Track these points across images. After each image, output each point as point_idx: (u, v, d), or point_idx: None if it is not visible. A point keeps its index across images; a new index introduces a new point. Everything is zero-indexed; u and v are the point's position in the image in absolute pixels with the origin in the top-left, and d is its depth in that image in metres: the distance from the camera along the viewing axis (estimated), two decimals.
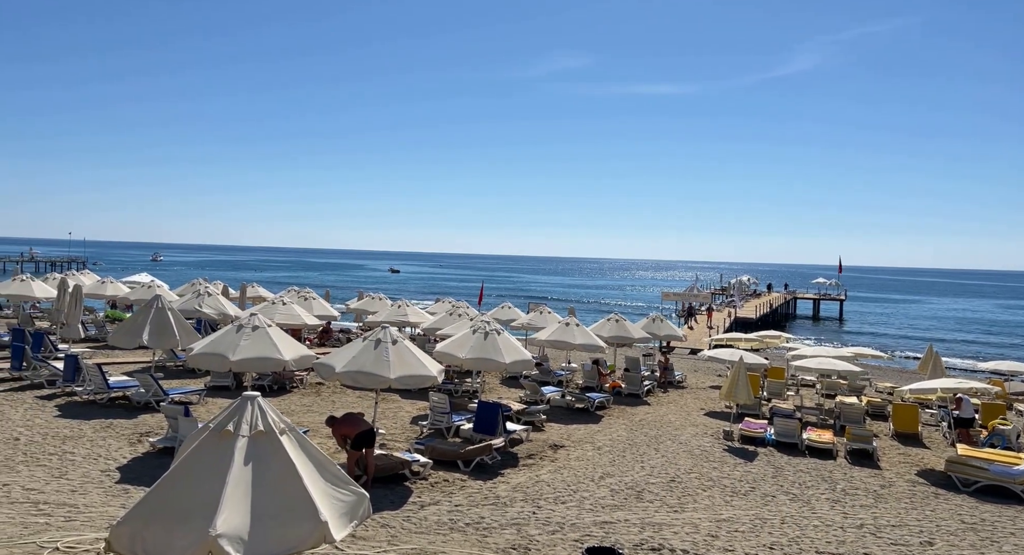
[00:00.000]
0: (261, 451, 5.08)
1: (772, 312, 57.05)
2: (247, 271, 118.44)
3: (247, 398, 5.28)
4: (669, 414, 17.56)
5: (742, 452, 14.01)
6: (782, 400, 20.07)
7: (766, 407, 18.68)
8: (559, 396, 17.50)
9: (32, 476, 9.84)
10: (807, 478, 12.43)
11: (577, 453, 13.13)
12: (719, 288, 72.04)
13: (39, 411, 13.61)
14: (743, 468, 12.83)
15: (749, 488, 11.62)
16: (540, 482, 11.16)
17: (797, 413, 17.18)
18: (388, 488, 10.21)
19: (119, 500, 9.06)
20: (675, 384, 22.00)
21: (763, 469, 12.85)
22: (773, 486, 11.82)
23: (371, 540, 8.26)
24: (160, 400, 14.07)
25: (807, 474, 12.68)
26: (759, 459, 13.54)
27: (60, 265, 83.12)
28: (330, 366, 11.03)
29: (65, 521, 8.23)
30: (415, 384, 11.28)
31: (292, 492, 4.99)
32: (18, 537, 7.61)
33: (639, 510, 10.15)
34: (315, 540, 4.95)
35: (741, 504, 10.76)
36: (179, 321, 15.07)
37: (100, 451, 11.25)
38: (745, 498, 11.07)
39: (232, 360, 12.08)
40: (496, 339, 13.84)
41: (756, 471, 12.68)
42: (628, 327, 21.10)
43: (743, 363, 15.90)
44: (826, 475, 12.70)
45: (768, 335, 26.74)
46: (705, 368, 26.34)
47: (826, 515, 10.46)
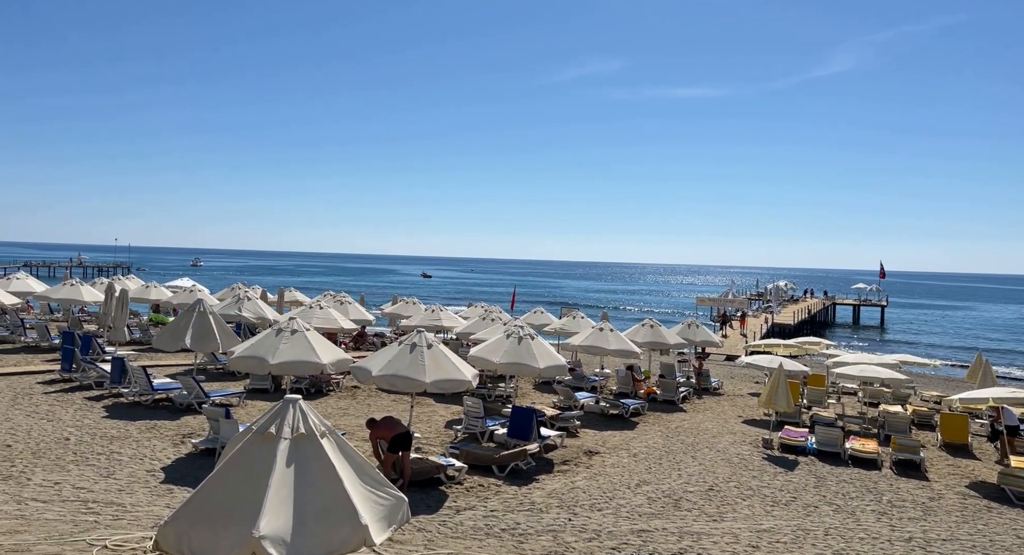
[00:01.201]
0: (302, 454, 5.13)
1: (810, 318, 55.80)
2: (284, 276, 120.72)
3: (289, 401, 5.34)
4: (706, 421, 17.27)
5: (782, 461, 13.69)
6: (823, 408, 19.57)
7: (806, 415, 18.25)
8: (593, 402, 17.36)
9: (82, 475, 10.14)
10: (851, 489, 12.07)
11: (612, 460, 12.99)
12: (755, 293, 70.81)
13: (88, 412, 14.04)
14: (783, 477, 12.53)
15: (790, 498, 11.34)
16: (575, 489, 11.07)
17: (839, 422, 16.74)
18: (424, 492, 10.25)
19: (164, 500, 9.28)
20: (711, 391, 21.64)
21: (804, 479, 12.53)
22: (815, 496, 11.51)
23: (408, 544, 8.29)
24: (202, 402, 14.38)
25: (851, 485, 12.33)
26: (800, 468, 13.21)
27: (107, 270, 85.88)
28: (367, 370, 11.13)
29: (113, 520, 8.45)
30: (450, 388, 11.31)
31: (333, 495, 5.03)
32: (69, 535, 7.84)
33: (677, 519, 9.98)
34: (355, 543, 4.97)
35: (782, 514, 10.50)
36: (220, 325, 15.38)
37: (145, 451, 11.55)
38: (786, 508, 10.81)
39: (271, 363, 12.29)
40: (530, 344, 13.80)
41: (797, 481, 12.37)
42: (663, 333, 20.84)
43: (783, 370, 15.56)
44: (871, 486, 12.32)
45: (807, 341, 26.12)
46: (742, 375, 25.86)
47: (872, 527, 10.14)
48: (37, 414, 13.55)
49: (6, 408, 13.84)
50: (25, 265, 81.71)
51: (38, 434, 12.13)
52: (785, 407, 15.19)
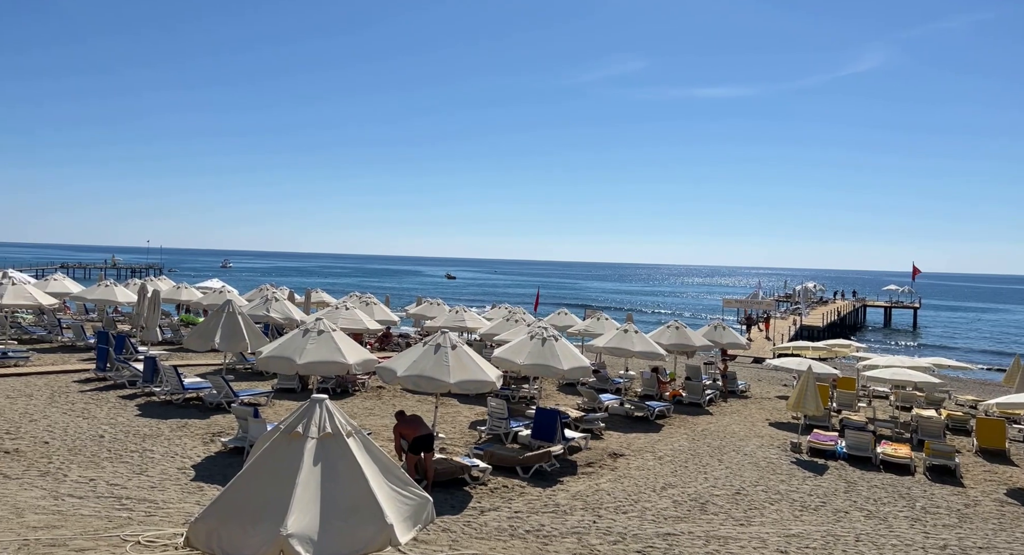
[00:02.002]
0: (329, 453, 5.19)
1: (840, 320, 54.77)
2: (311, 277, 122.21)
3: (315, 400, 5.41)
4: (732, 424, 17.06)
5: (811, 465, 13.46)
6: (853, 412, 19.20)
7: (836, 419, 17.92)
8: (618, 404, 17.25)
9: (116, 472, 10.38)
10: (883, 494, 11.82)
11: (637, 462, 12.90)
12: (783, 295, 69.75)
13: (121, 410, 14.37)
14: (812, 482, 12.32)
15: (820, 503, 11.14)
16: (600, 491, 11.02)
17: (870, 426, 16.41)
18: (448, 492, 10.28)
19: (194, 497, 9.45)
20: (738, 393, 21.37)
21: (834, 483, 12.30)
22: (846, 502, 11.30)
23: (433, 544, 8.32)
24: (231, 401, 14.62)
25: (882, 490, 12.07)
26: (830, 473, 12.98)
27: (139, 271, 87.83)
28: (392, 370, 11.22)
29: (146, 516, 8.63)
30: (474, 389, 11.34)
31: (359, 494, 5.07)
32: (103, 530, 8.03)
33: (703, 523, 9.87)
34: (381, 543, 5.01)
35: (811, 519, 10.32)
36: (248, 325, 15.63)
37: (176, 449, 11.78)
38: (816, 513, 10.62)
39: (299, 363, 12.45)
40: (553, 345, 13.77)
41: (827, 485, 12.15)
42: (689, 334, 20.64)
43: (811, 372, 15.30)
44: (904, 492, 12.05)
45: (837, 344, 25.65)
46: (769, 377, 25.49)
47: (905, 534, 9.91)
48: (73, 412, 13.91)
49: (44, 406, 14.23)
50: (62, 266, 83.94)
51: (74, 431, 12.45)
52: (814, 410, 14.93)
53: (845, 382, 21.01)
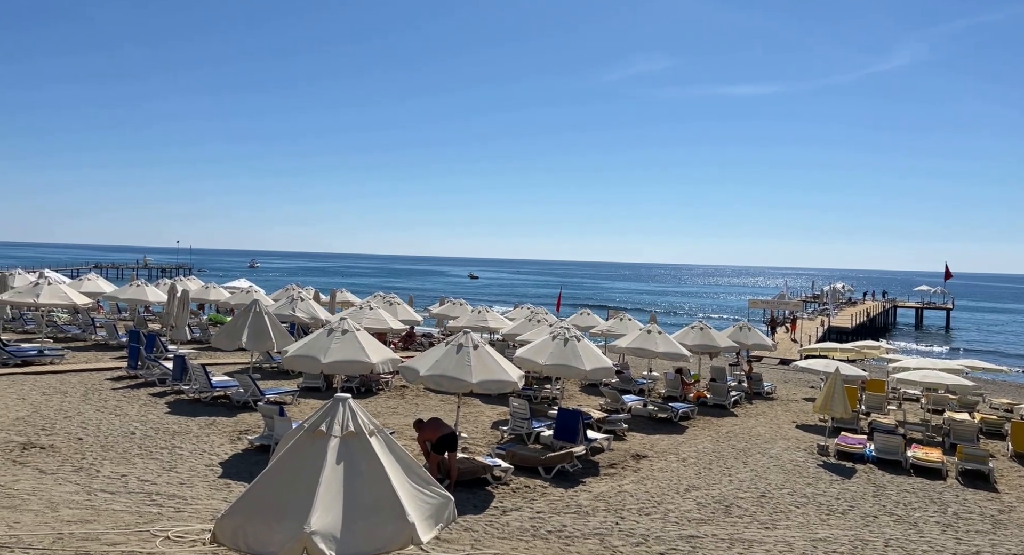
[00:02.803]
0: (352, 451, 5.24)
1: (869, 321, 53.73)
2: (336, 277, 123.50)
3: (339, 399, 5.47)
4: (758, 426, 16.84)
5: (839, 468, 13.24)
6: (883, 415, 18.84)
7: (865, 422, 17.60)
8: (641, 405, 17.15)
9: (146, 468, 10.61)
10: (913, 499, 11.58)
11: (660, 464, 12.81)
12: (810, 295, 68.62)
13: (152, 407, 14.68)
14: (840, 485, 12.11)
15: (847, 507, 10.95)
16: (623, 492, 10.96)
17: (900, 429, 16.09)
18: (470, 492, 10.32)
19: (222, 494, 9.62)
20: (764, 395, 21.10)
21: (863, 487, 12.08)
22: (874, 506, 11.09)
23: (455, 543, 8.36)
24: (257, 400, 14.85)
25: (913, 494, 11.82)
26: (858, 476, 12.75)
27: (170, 271, 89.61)
28: (415, 370, 11.29)
29: (175, 511, 8.81)
30: (496, 389, 11.36)
31: (381, 492, 5.12)
32: (134, 525, 8.21)
33: (727, 525, 9.77)
34: (403, 541, 5.05)
35: (839, 524, 10.15)
36: (275, 325, 15.86)
37: (204, 447, 12.00)
38: (843, 517, 10.44)
39: (323, 362, 12.60)
40: (576, 346, 13.73)
41: (855, 489, 11.94)
42: (713, 335, 20.43)
43: (839, 374, 15.04)
44: (935, 497, 11.79)
45: (866, 345, 25.17)
46: (796, 379, 25.11)
47: (936, 539, 9.70)
48: (106, 409, 14.25)
49: (78, 403, 14.61)
50: (96, 267, 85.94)
51: (107, 428, 12.76)
52: (842, 413, 14.68)
53: (874, 384, 20.61)
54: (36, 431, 12.25)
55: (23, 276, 27.54)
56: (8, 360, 18.28)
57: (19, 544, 7.37)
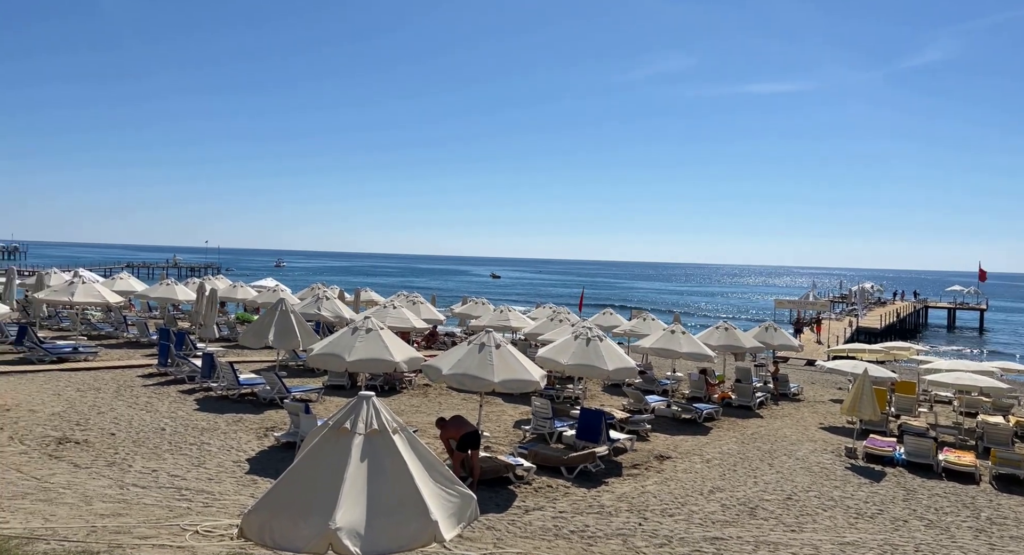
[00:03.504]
0: (375, 449, 5.28)
1: (899, 322, 52.66)
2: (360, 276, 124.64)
3: (363, 397, 5.52)
4: (784, 428, 16.62)
5: (867, 471, 13.01)
6: (913, 417, 18.45)
7: (894, 424, 17.26)
8: (664, 406, 17.03)
9: (176, 464, 10.83)
10: (944, 503, 11.33)
11: (684, 465, 12.71)
12: (838, 295, 67.46)
13: (181, 404, 14.98)
14: (869, 488, 11.90)
15: (876, 510, 10.76)
16: (646, 493, 10.91)
17: (931, 432, 15.76)
18: (493, 490, 10.35)
19: (249, 489, 9.78)
20: (790, 396, 20.81)
21: (892, 491, 11.86)
22: (904, 510, 10.88)
23: (477, 542, 8.40)
24: (283, 397, 15.06)
25: (944, 499, 11.57)
26: (887, 480, 12.52)
27: (199, 271, 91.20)
28: (437, 368, 11.36)
29: (203, 506, 8.99)
30: (518, 388, 11.38)
31: (404, 490, 5.15)
32: (164, 519, 8.39)
33: (752, 528, 9.66)
34: (426, 539, 5.08)
35: (867, 527, 9.98)
36: (300, 323, 16.07)
37: (232, 443, 12.21)
38: (872, 521, 10.26)
39: (348, 361, 12.72)
40: (598, 345, 13.69)
41: (884, 492, 11.73)
42: (738, 336, 20.21)
43: (867, 375, 14.78)
44: (968, 501, 11.52)
45: (895, 346, 24.68)
46: (823, 380, 24.72)
47: (969, 545, 9.48)
48: (137, 405, 14.58)
49: (111, 399, 14.96)
50: (127, 266, 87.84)
51: (138, 424, 13.05)
52: (870, 415, 14.42)
53: (904, 386, 20.21)
54: (71, 426, 12.58)
55: (59, 275, 28.28)
56: (45, 357, 18.79)
57: (55, 536, 7.58)
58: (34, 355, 18.90)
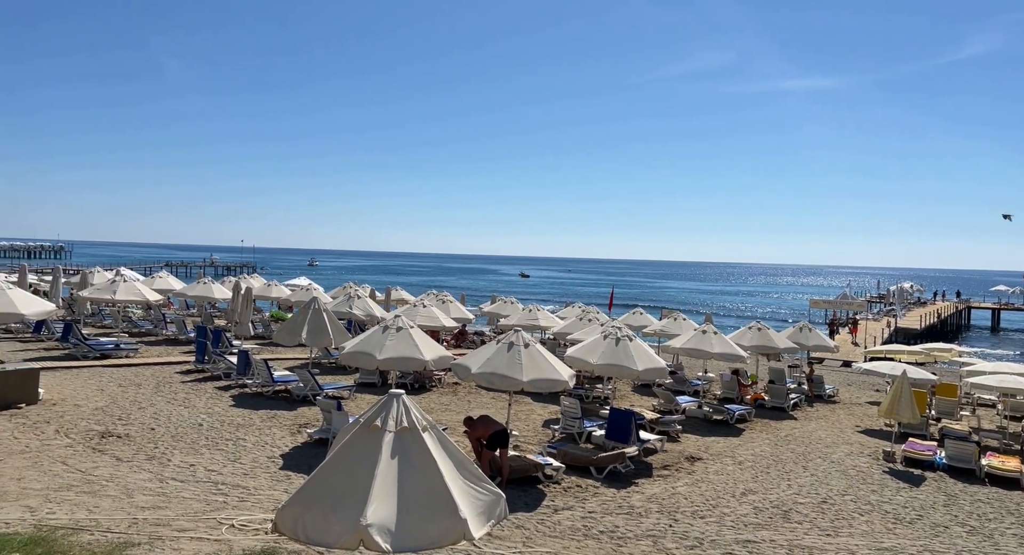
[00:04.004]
0: (405, 446, 5.33)
1: (940, 322, 51.18)
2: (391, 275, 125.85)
3: (393, 395, 5.58)
4: (819, 430, 16.30)
5: (906, 476, 12.68)
6: (954, 421, 17.92)
7: (935, 427, 16.79)
8: (695, 407, 16.84)
9: (213, 459, 11.10)
10: (988, 509, 10.99)
11: (716, 467, 12.56)
12: (876, 295, 65.85)
13: (217, 400, 15.33)
14: (907, 493, 11.60)
15: (916, 516, 10.48)
16: (676, 494, 10.81)
17: (974, 436, 15.28)
18: (522, 489, 10.37)
19: (283, 485, 9.97)
20: (825, 398, 20.39)
21: (932, 496, 11.54)
22: (945, 516, 10.58)
23: (507, 540, 8.42)
24: (316, 394, 15.31)
25: (988, 505, 11.22)
26: (927, 485, 12.18)
27: (234, 269, 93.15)
28: (466, 367, 11.42)
29: (239, 501, 9.19)
30: (547, 388, 11.37)
31: (433, 488, 5.19)
32: (202, 513, 8.61)
33: (786, 531, 9.50)
34: (455, 537, 5.11)
35: (906, 533, 9.73)
36: (333, 322, 16.29)
37: (266, 439, 12.46)
38: (911, 527, 10.00)
39: (378, 359, 12.87)
40: (628, 345, 13.60)
41: (924, 497, 11.42)
42: (772, 336, 19.87)
43: (906, 377, 14.40)
44: (1012, 508, 11.15)
45: (936, 348, 24.02)
46: (860, 382, 24.16)
47: (1014, 552, 9.19)
48: (176, 401, 14.97)
49: (151, 394, 15.39)
50: (166, 265, 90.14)
51: (176, 419, 13.40)
52: (909, 418, 14.06)
53: (945, 388, 19.65)
54: (113, 420, 12.97)
55: (102, 274, 29.15)
56: (88, 353, 19.42)
57: (98, 527, 7.83)
58: (79, 351, 19.54)
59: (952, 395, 19.38)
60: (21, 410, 13.29)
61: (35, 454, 10.68)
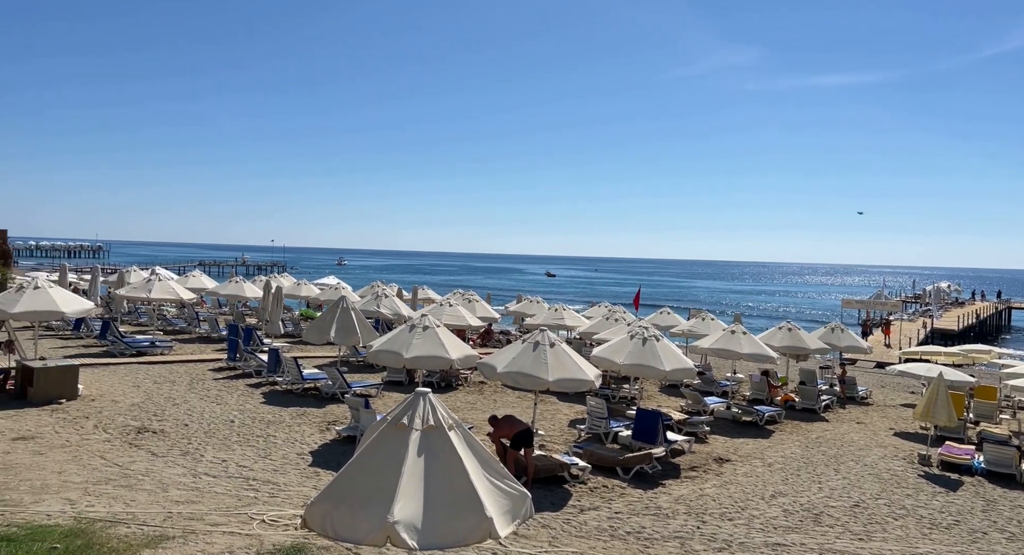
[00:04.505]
0: (431, 445, 5.37)
1: (979, 323, 49.76)
2: (418, 274, 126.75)
3: (419, 394, 5.62)
4: (851, 432, 15.98)
5: (942, 480, 12.37)
6: (994, 424, 17.43)
7: (973, 431, 16.34)
8: (724, 408, 16.64)
9: (244, 455, 11.31)
10: None
11: (745, 469, 12.40)
12: (911, 295, 64.27)
13: (249, 397, 15.62)
14: (944, 498, 11.31)
15: (952, 521, 10.22)
16: (704, 496, 10.69)
17: (1014, 440, 14.81)
18: (548, 489, 10.36)
19: (312, 481, 10.12)
20: (858, 400, 19.98)
21: (970, 501, 11.23)
22: (984, 521, 10.29)
23: (533, 540, 8.43)
24: (344, 392, 15.49)
25: None
26: (964, 489, 11.86)
27: (265, 269, 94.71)
28: (492, 366, 11.45)
29: (269, 497, 9.35)
30: (572, 387, 11.34)
31: (459, 486, 5.22)
32: (233, 508, 8.78)
33: (817, 535, 9.34)
34: (480, 535, 5.14)
35: (942, 538, 9.49)
36: (361, 320, 16.49)
37: (296, 436, 12.65)
38: (947, 532, 9.75)
39: (405, 357, 12.98)
40: (655, 345, 13.49)
41: (961, 503, 11.12)
42: (803, 336, 19.53)
43: (943, 379, 14.04)
44: None
45: (974, 349, 23.34)
46: (894, 384, 23.61)
47: None
48: (208, 398, 15.29)
49: (184, 391, 15.74)
50: (200, 264, 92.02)
51: (209, 416, 13.68)
52: (946, 421, 13.70)
53: (984, 391, 19.10)
54: (149, 416, 13.31)
55: (138, 273, 29.91)
56: (125, 350, 19.94)
57: (135, 520, 8.04)
58: (116, 349, 20.08)
59: (991, 398, 18.83)
60: (62, 405, 13.71)
61: (75, 448, 11.02)
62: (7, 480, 9.26)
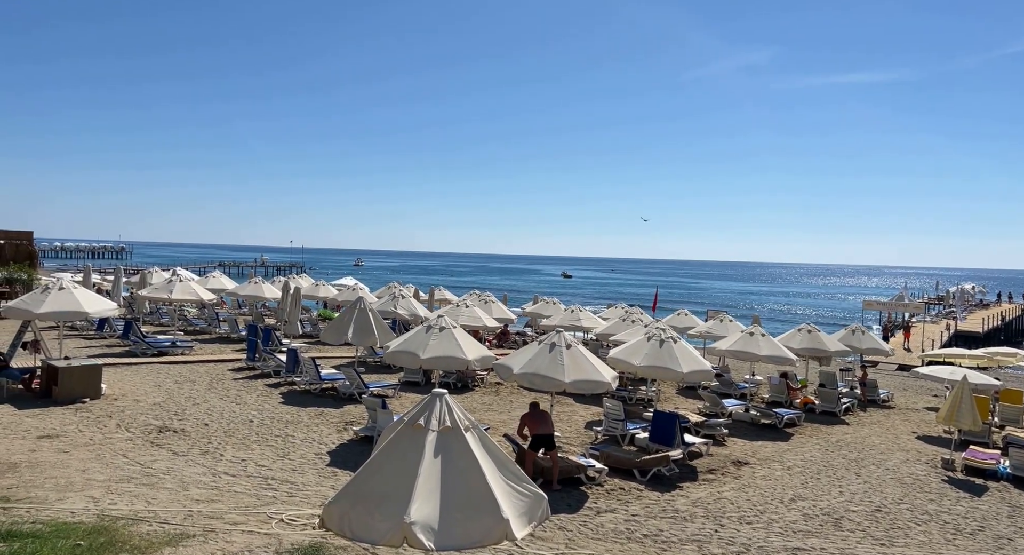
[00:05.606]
0: (448, 446, 5.38)
1: (1004, 326, 48.80)
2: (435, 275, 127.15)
3: (436, 395, 5.64)
4: (872, 436, 15.75)
5: (967, 485, 12.14)
6: (1020, 428, 17.07)
7: (998, 435, 16.02)
8: (742, 410, 16.49)
9: (263, 454, 11.42)
10: None
11: (763, 472, 12.27)
12: (934, 297, 63.21)
13: (267, 397, 15.77)
14: (968, 503, 11.11)
15: (977, 527, 10.03)
16: (722, 499, 10.61)
17: None
18: (564, 491, 10.34)
19: (329, 481, 10.19)
20: (879, 403, 19.69)
21: (996, 507, 11.02)
22: (1010, 527, 10.09)
23: (549, 541, 8.42)
24: (362, 392, 15.59)
25: None
26: (990, 495, 11.64)
27: (284, 270, 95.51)
28: (508, 367, 11.45)
29: (288, 496, 9.44)
30: (589, 389, 11.31)
31: (476, 487, 5.23)
32: (252, 507, 8.87)
33: (837, 539, 9.22)
34: (497, 536, 5.14)
35: (967, 544, 9.32)
36: (378, 321, 16.58)
37: (314, 436, 12.75)
38: (972, 538, 9.58)
39: (422, 358, 13.03)
40: (672, 347, 13.40)
41: (986, 508, 10.91)
42: (823, 338, 19.29)
43: (967, 382, 13.78)
44: None
45: (1000, 352, 22.89)
46: (917, 387, 23.24)
47: None
48: (228, 397, 15.46)
49: (204, 391, 15.94)
50: (220, 265, 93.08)
51: (229, 415, 13.84)
52: (970, 424, 13.45)
53: (1010, 395, 18.71)
54: (170, 416, 13.49)
55: (159, 274, 30.36)
56: (147, 350, 20.24)
57: (156, 518, 8.16)
58: (137, 348, 20.38)
59: (1017, 401, 18.44)
60: (85, 404, 13.95)
61: (98, 447, 11.20)
62: (33, 478, 9.44)
